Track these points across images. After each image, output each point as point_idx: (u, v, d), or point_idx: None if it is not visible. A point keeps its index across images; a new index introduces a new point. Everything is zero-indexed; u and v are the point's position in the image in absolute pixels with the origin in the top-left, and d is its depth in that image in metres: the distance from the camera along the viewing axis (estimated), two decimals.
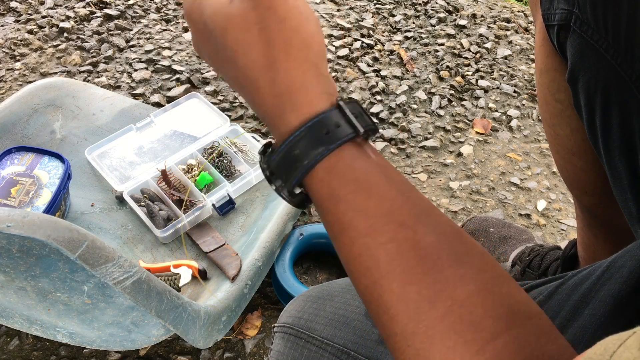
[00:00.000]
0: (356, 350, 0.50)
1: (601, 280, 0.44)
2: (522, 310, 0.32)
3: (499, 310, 0.31)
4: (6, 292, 0.69)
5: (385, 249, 0.33)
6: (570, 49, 0.53)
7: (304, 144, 0.34)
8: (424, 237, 0.33)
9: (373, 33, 1.56)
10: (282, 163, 0.35)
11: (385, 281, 0.32)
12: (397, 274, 0.32)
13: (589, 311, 0.44)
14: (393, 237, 0.33)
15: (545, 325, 0.32)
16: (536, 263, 0.91)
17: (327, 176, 0.34)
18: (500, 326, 0.31)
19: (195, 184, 1.01)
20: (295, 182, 0.35)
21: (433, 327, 0.31)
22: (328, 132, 0.34)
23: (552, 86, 0.63)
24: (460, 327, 0.31)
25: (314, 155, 0.34)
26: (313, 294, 0.58)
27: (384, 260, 0.33)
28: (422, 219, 0.34)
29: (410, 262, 0.32)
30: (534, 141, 1.32)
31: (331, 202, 0.34)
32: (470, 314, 0.31)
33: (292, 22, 0.35)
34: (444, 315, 0.31)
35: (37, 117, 1.11)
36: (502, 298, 0.32)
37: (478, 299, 0.31)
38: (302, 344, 0.53)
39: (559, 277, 0.49)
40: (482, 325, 0.31)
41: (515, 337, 0.30)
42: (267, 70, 0.35)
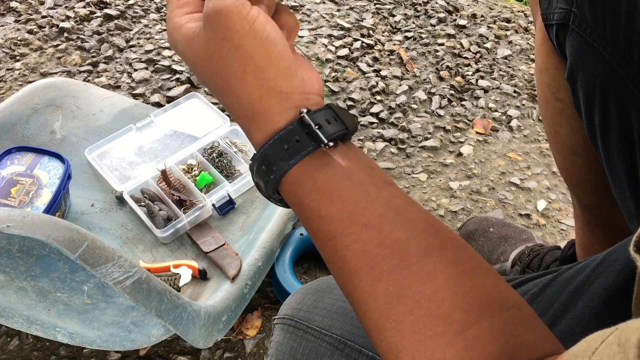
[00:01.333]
0: (353, 340, 0.51)
1: (595, 273, 0.45)
2: (497, 301, 0.33)
3: (469, 302, 0.32)
4: (6, 292, 0.69)
5: (351, 250, 0.34)
6: (569, 48, 0.53)
7: (268, 159, 0.37)
8: (390, 235, 0.34)
9: (373, 33, 1.56)
10: (256, 174, 0.38)
11: (355, 279, 0.34)
12: (365, 272, 0.34)
13: (582, 303, 0.44)
14: (357, 238, 0.34)
15: (524, 315, 0.33)
16: (536, 263, 0.91)
17: (291, 187, 0.37)
18: (471, 318, 0.31)
19: (195, 184, 1.01)
20: (269, 192, 0.38)
21: (402, 322, 0.32)
22: (288, 147, 0.36)
23: (552, 85, 0.63)
24: (428, 320, 0.32)
25: (278, 170, 0.36)
26: (312, 286, 0.59)
27: (351, 260, 0.34)
28: (389, 218, 0.35)
29: (376, 260, 0.34)
30: (534, 141, 1.32)
31: (299, 210, 0.37)
32: (438, 307, 0.32)
33: (246, 49, 0.36)
34: (412, 309, 0.32)
35: (37, 117, 1.11)
36: (475, 290, 0.33)
37: (446, 293, 0.32)
38: (301, 335, 0.54)
39: (554, 271, 0.50)
40: (451, 317, 0.31)
41: (488, 328, 0.31)
42: (230, 96, 0.38)
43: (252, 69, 0.36)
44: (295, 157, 0.36)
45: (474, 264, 0.34)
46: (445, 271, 0.33)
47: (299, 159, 0.36)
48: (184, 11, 0.40)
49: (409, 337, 0.32)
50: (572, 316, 0.44)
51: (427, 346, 0.31)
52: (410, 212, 0.36)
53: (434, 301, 0.32)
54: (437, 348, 0.31)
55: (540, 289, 0.49)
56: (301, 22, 1.57)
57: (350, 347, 0.51)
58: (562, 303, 0.46)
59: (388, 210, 0.35)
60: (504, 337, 0.31)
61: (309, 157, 0.36)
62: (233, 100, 0.38)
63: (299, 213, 0.37)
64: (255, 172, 0.38)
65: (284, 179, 0.37)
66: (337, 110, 0.38)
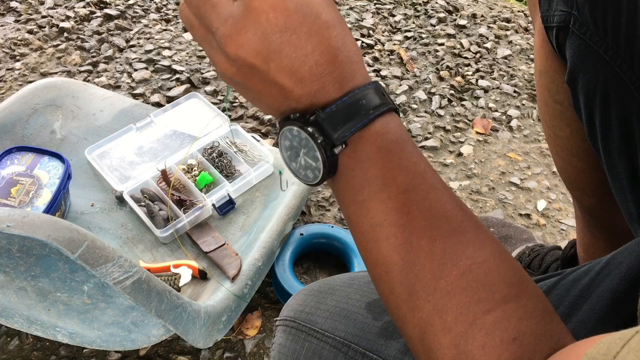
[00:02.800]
0: (356, 342, 0.50)
1: (600, 276, 0.45)
2: (530, 285, 0.35)
3: (511, 277, 0.34)
4: (6, 292, 0.70)
5: (419, 206, 0.35)
6: (570, 51, 0.53)
7: (370, 96, 0.37)
8: (450, 200, 0.36)
9: (373, 33, 1.56)
10: (341, 113, 0.36)
11: (416, 237, 0.35)
12: (427, 231, 0.35)
13: (587, 306, 0.44)
14: (426, 196, 0.36)
15: (549, 305, 0.35)
16: (536, 263, 0.91)
17: (384, 129, 0.37)
18: (512, 292, 0.33)
19: (195, 184, 1.02)
20: (355, 129, 0.36)
21: (453, 283, 0.33)
22: (384, 94, 0.38)
23: (551, 87, 0.63)
24: (476, 285, 0.33)
25: (379, 106, 0.37)
26: (315, 288, 0.58)
27: (417, 217, 0.35)
28: (445, 186, 0.37)
29: (439, 221, 0.35)
30: (534, 141, 1.32)
31: (380, 154, 0.36)
32: (486, 275, 0.34)
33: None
34: (464, 273, 0.34)
35: (37, 117, 1.11)
36: (514, 268, 0.35)
37: (493, 264, 0.34)
38: (304, 337, 0.54)
39: (558, 274, 0.50)
40: (496, 287, 0.33)
41: (524, 306, 0.33)
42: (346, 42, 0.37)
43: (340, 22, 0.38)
44: (389, 103, 0.37)
45: (502, 246, 0.36)
46: (492, 245, 0.35)
47: (393, 106, 0.38)
48: None
49: (456, 299, 0.33)
50: (577, 319, 0.44)
51: (470, 310, 0.33)
52: (449, 187, 0.38)
53: (483, 269, 0.34)
54: (478, 313, 0.32)
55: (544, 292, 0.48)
56: None
57: (354, 350, 0.50)
58: (567, 306, 0.46)
59: (439, 181, 0.37)
60: (535, 319, 0.33)
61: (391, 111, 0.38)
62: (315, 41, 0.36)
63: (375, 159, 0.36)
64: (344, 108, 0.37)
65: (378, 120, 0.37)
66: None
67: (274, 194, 1.03)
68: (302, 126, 0.37)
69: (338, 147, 0.37)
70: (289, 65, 0.36)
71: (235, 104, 1.31)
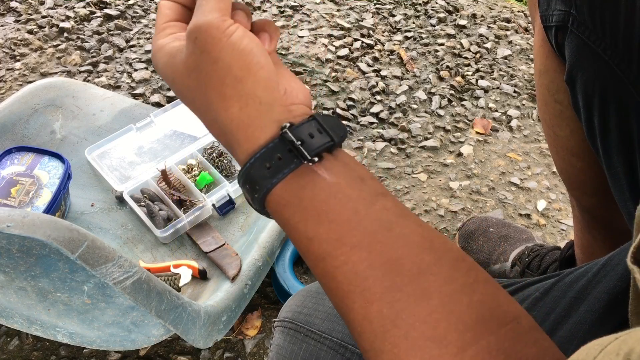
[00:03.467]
0: (353, 344, 0.51)
1: (597, 278, 0.45)
2: (495, 316, 0.32)
3: (466, 321, 0.31)
4: (6, 292, 0.70)
5: (341, 272, 0.33)
6: (568, 50, 0.53)
7: (251, 178, 0.36)
8: (380, 255, 0.33)
9: (373, 33, 1.56)
10: (243, 189, 0.38)
11: (348, 301, 0.33)
12: (357, 294, 0.33)
13: (584, 307, 0.44)
14: (347, 260, 0.33)
15: (523, 328, 0.32)
16: (536, 263, 0.91)
17: (277, 207, 0.36)
18: (467, 338, 0.30)
19: (195, 184, 1.02)
20: (257, 209, 0.38)
21: (398, 345, 0.31)
22: (270, 166, 0.35)
23: (551, 87, 0.63)
24: (424, 343, 0.31)
25: (261, 189, 0.35)
26: (313, 289, 0.58)
27: (342, 282, 0.33)
28: (379, 236, 0.33)
29: (367, 282, 0.32)
30: (534, 141, 1.32)
31: (286, 229, 0.36)
32: (433, 329, 0.31)
33: (224, 61, 0.36)
34: (407, 332, 0.31)
35: (37, 117, 1.11)
36: (472, 307, 0.32)
37: (441, 313, 0.31)
38: (302, 338, 0.54)
39: (555, 275, 0.50)
40: (447, 339, 0.30)
41: (486, 347, 0.30)
42: (210, 111, 0.37)
43: (231, 80, 0.36)
44: (277, 175, 0.35)
45: (471, 277, 0.33)
46: (440, 290, 0.32)
47: (282, 177, 0.35)
48: (167, 32, 0.41)
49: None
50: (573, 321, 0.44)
51: None
52: (402, 227, 0.34)
53: (429, 323, 0.31)
54: None
55: (541, 294, 0.48)
56: (301, 22, 1.57)
57: (351, 352, 0.50)
58: (563, 308, 0.45)
59: (378, 228, 0.34)
60: (503, 355, 0.30)
61: (293, 175, 0.35)
62: (211, 116, 0.37)
63: (288, 233, 0.36)
64: (242, 188, 0.38)
65: (268, 198, 0.36)
66: (323, 120, 0.37)
67: None
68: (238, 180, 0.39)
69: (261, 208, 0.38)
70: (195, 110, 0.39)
71: None
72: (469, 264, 0.34)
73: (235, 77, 0.36)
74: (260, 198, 0.36)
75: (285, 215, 0.35)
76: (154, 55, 0.40)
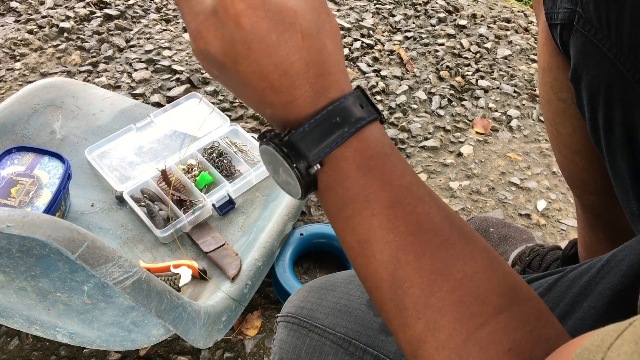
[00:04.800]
0: (357, 338, 0.51)
1: (601, 274, 0.45)
2: (523, 290, 0.34)
3: (502, 287, 0.33)
4: (6, 292, 0.69)
5: (405, 221, 0.34)
6: (574, 48, 0.53)
7: (348, 111, 0.35)
8: (437, 213, 0.35)
9: (373, 33, 1.56)
10: (315, 132, 0.35)
11: (403, 253, 0.34)
12: (414, 246, 0.34)
13: (588, 303, 0.44)
14: (413, 210, 0.35)
15: (543, 308, 0.34)
16: (536, 263, 0.91)
17: (362, 145, 0.35)
18: (504, 302, 0.33)
19: (195, 184, 1.01)
20: (329, 149, 0.35)
21: (444, 299, 0.33)
22: (362, 106, 0.36)
23: (554, 85, 0.63)
24: (468, 299, 0.32)
25: (357, 121, 0.35)
26: (316, 284, 0.58)
27: (403, 232, 0.34)
28: (433, 197, 0.36)
29: (426, 235, 0.34)
30: (534, 141, 1.32)
31: (360, 172, 0.35)
32: (477, 288, 0.33)
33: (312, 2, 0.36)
34: (455, 287, 0.33)
35: (37, 117, 1.10)
36: (506, 277, 0.34)
37: (485, 275, 0.33)
38: (305, 333, 0.54)
39: (559, 271, 0.50)
40: (488, 299, 0.33)
41: (517, 314, 0.32)
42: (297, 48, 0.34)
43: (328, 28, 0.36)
44: (372, 114, 0.35)
45: (496, 253, 0.36)
46: (482, 255, 0.34)
47: (375, 117, 0.36)
48: None
49: (449, 315, 0.32)
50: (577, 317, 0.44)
51: (464, 325, 0.32)
52: (439, 198, 0.37)
53: (474, 281, 0.33)
54: (472, 328, 0.32)
55: (545, 289, 0.48)
56: None
57: (355, 346, 0.50)
58: (567, 304, 0.46)
59: (430, 191, 0.36)
60: (529, 326, 0.32)
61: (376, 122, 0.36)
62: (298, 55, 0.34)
63: (355, 177, 0.35)
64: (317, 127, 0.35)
65: (359, 134, 0.35)
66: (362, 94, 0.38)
67: (274, 194, 1.03)
68: (275, 147, 0.36)
69: (314, 168, 0.35)
70: (258, 71, 0.34)
71: (235, 104, 1.31)
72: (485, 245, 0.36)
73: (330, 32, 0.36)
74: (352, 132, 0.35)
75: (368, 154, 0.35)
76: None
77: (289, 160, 0.35)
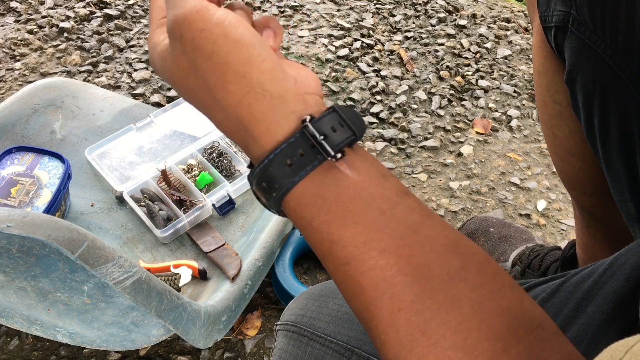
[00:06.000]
0: (359, 347, 0.50)
1: (603, 278, 0.44)
2: (523, 324, 0.31)
3: (497, 329, 0.30)
4: (6, 292, 0.70)
5: (367, 277, 0.31)
6: (568, 51, 0.53)
7: (268, 176, 0.33)
8: (409, 260, 0.31)
9: (373, 33, 1.56)
10: (256, 190, 0.35)
11: (373, 307, 0.31)
12: (384, 301, 0.31)
13: (591, 308, 0.44)
14: (374, 265, 0.31)
15: (549, 334, 0.31)
16: (536, 264, 0.91)
17: (297, 207, 0.33)
18: (498, 348, 0.29)
19: (195, 184, 1.02)
20: (272, 209, 0.35)
21: (426, 356, 0.29)
22: (291, 163, 0.32)
23: (550, 87, 0.63)
24: (454, 354, 0.29)
25: (281, 188, 0.33)
26: (315, 291, 0.58)
27: (368, 287, 0.31)
28: (407, 239, 0.32)
29: (396, 288, 0.30)
30: (534, 141, 1.32)
31: (307, 232, 0.33)
32: (464, 339, 0.29)
33: (220, 56, 0.32)
34: (437, 342, 0.29)
35: (37, 117, 1.11)
36: (501, 316, 0.30)
37: (473, 323, 0.30)
38: (306, 342, 0.53)
39: (561, 276, 0.49)
40: (478, 349, 0.29)
41: (516, 356, 0.29)
42: (218, 110, 0.34)
43: (232, 76, 0.33)
44: (299, 173, 0.32)
45: (498, 282, 0.32)
46: (470, 297, 0.30)
47: (304, 175, 0.32)
48: (163, 29, 0.37)
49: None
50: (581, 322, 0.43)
51: None
52: (428, 228, 0.32)
53: (459, 332, 0.29)
54: None
55: (548, 295, 0.48)
56: (301, 22, 1.57)
57: (358, 355, 0.49)
58: (571, 309, 0.45)
59: (405, 230, 0.32)
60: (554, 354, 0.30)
61: (315, 172, 0.32)
62: (222, 115, 0.34)
63: (307, 234, 0.33)
64: (255, 187, 0.34)
65: (287, 197, 0.33)
66: (343, 112, 0.34)
67: None
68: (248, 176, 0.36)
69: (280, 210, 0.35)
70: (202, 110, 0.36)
71: None
72: (494, 268, 0.32)
73: (236, 72, 0.33)
74: (279, 198, 0.33)
75: (307, 217, 0.33)
76: (150, 56, 0.37)
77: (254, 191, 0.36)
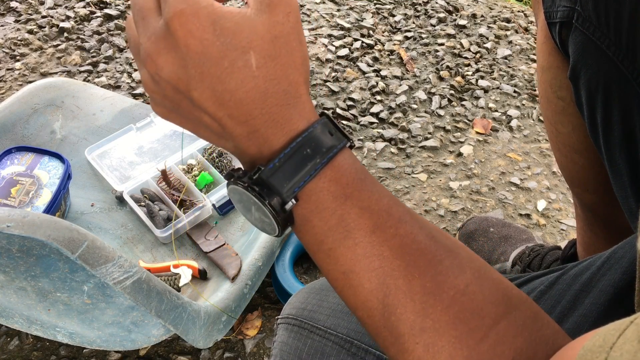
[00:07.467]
0: (359, 339, 0.51)
1: (602, 271, 0.45)
2: (515, 294, 0.33)
3: (496, 295, 0.33)
4: (6, 292, 0.69)
5: (389, 245, 0.33)
6: (572, 46, 0.53)
7: (317, 141, 0.34)
8: (420, 231, 0.34)
9: (373, 33, 1.56)
10: (286, 167, 0.34)
11: (391, 279, 0.33)
12: (402, 270, 0.33)
13: (589, 300, 0.44)
14: (395, 233, 0.33)
15: (537, 309, 0.34)
16: (536, 263, 0.91)
17: (336, 174, 0.34)
18: (500, 311, 0.32)
19: (195, 184, 1.01)
20: (303, 183, 0.34)
21: (440, 319, 0.32)
22: (332, 133, 0.35)
23: (554, 83, 0.63)
24: (464, 315, 0.31)
25: (328, 150, 0.34)
26: (316, 286, 0.58)
27: (389, 256, 0.33)
28: (413, 215, 0.35)
29: (412, 256, 0.33)
30: (534, 141, 1.32)
31: (337, 202, 0.34)
32: (471, 301, 0.32)
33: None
34: (449, 305, 0.32)
35: (37, 117, 1.10)
36: (496, 283, 0.33)
37: (476, 286, 0.32)
38: (306, 334, 0.54)
39: (559, 269, 0.50)
40: (484, 311, 0.32)
41: (514, 321, 0.32)
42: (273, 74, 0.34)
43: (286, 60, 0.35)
44: (342, 141, 0.35)
45: (483, 260, 0.35)
46: (470, 265, 0.33)
47: (345, 144, 0.35)
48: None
49: (447, 335, 0.31)
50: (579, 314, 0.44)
51: (464, 343, 0.31)
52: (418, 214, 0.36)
53: (467, 295, 0.32)
54: (472, 344, 0.31)
55: (546, 287, 0.49)
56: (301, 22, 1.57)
57: (357, 347, 0.50)
58: (568, 301, 0.46)
59: (408, 209, 0.35)
60: (527, 331, 0.32)
61: (346, 149, 0.35)
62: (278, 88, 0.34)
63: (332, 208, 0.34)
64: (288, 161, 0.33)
65: (327, 166, 0.34)
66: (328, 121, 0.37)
67: None
68: (245, 187, 0.34)
69: (289, 204, 0.34)
70: (214, 98, 0.33)
71: None
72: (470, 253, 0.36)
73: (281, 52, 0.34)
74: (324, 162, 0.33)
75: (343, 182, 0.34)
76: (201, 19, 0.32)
77: (261, 199, 0.34)
